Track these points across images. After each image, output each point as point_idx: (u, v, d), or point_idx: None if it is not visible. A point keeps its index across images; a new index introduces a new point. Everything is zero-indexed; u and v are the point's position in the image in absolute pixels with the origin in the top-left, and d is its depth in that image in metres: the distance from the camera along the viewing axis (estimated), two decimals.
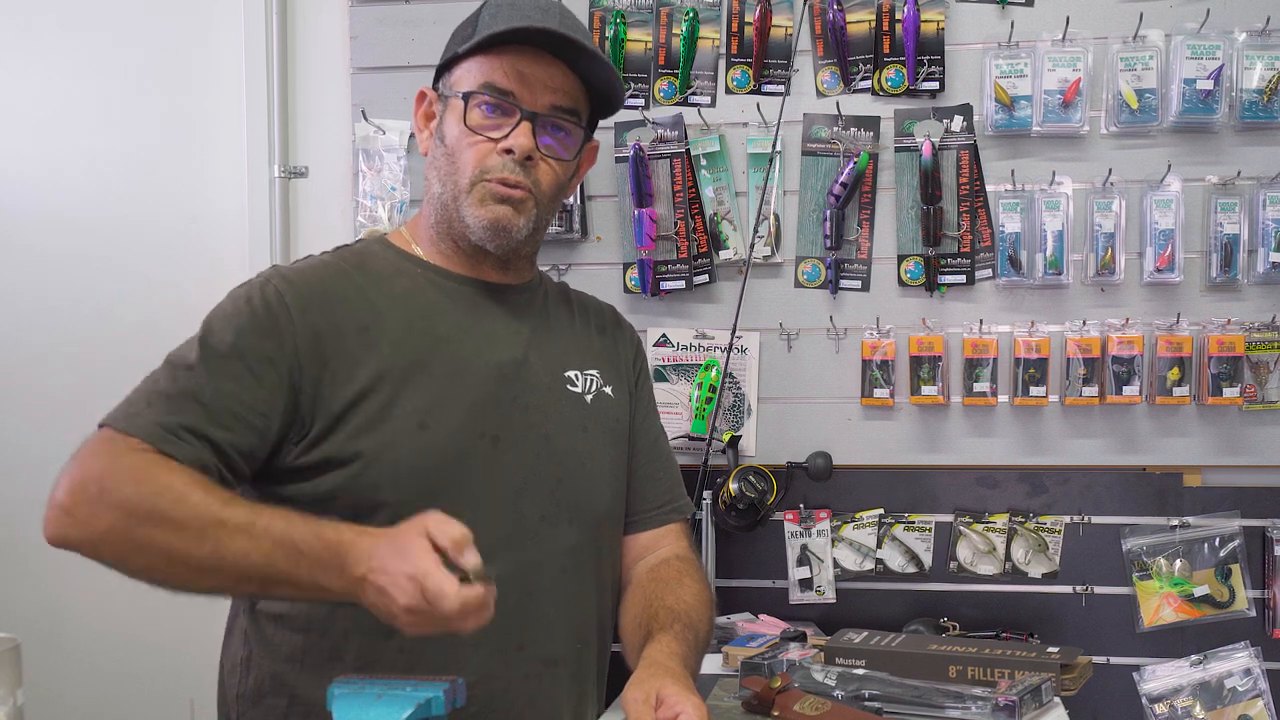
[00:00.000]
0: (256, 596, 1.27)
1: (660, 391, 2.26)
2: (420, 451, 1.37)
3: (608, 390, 1.58)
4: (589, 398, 1.56)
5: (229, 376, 1.32)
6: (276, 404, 1.34)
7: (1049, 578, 2.20)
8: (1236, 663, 2.12)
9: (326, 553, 1.19)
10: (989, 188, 2.20)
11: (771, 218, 2.25)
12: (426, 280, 1.48)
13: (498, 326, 1.49)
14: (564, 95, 1.46)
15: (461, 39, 1.48)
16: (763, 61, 2.24)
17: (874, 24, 2.21)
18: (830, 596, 2.25)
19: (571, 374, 1.55)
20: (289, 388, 1.34)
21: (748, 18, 2.24)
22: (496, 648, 1.40)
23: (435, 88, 1.52)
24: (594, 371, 1.58)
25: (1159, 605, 2.16)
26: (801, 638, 1.88)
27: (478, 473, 1.41)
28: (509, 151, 1.43)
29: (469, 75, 1.45)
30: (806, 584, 2.25)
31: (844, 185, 2.20)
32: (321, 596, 1.23)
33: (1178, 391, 2.14)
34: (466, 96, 1.44)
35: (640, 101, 2.28)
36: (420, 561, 1.14)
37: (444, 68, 1.51)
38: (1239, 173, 2.14)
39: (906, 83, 2.20)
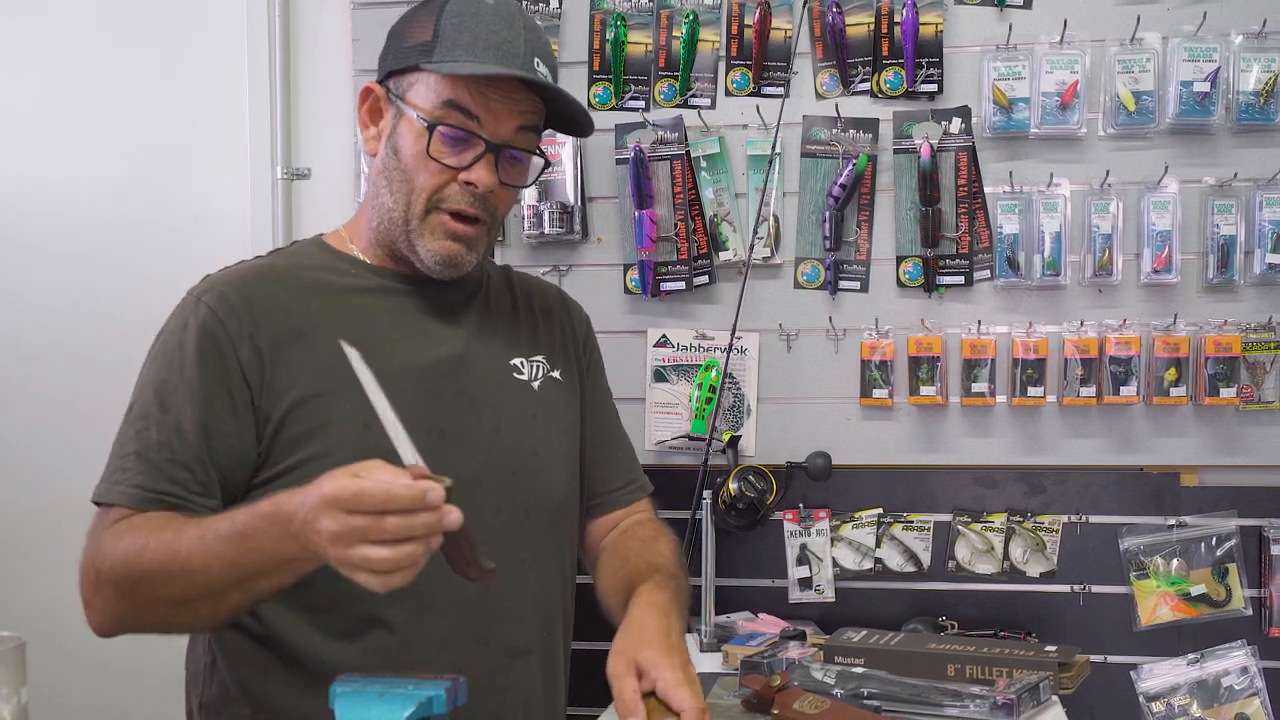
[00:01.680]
0: (259, 601, 1.24)
1: (660, 392, 2.29)
2: (365, 452, 1.31)
3: (555, 374, 1.58)
4: (536, 384, 1.55)
5: (189, 415, 1.31)
6: (244, 427, 1.33)
7: (1047, 577, 2.21)
8: (1233, 661, 2.13)
9: (267, 523, 1.15)
10: (987, 189, 2.21)
11: (771, 219, 2.26)
12: (362, 281, 1.46)
13: (436, 323, 1.47)
14: (527, 115, 1.42)
15: (419, 44, 1.40)
16: (762, 64, 2.25)
17: (873, 26, 2.22)
18: (829, 595, 2.25)
19: (517, 362, 1.54)
20: (246, 404, 1.33)
21: (747, 20, 2.25)
22: (461, 645, 1.40)
23: (384, 84, 1.44)
24: (539, 357, 1.57)
25: (1156, 604, 2.17)
26: (801, 636, 1.89)
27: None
28: (469, 183, 1.39)
29: (430, 90, 1.39)
30: (806, 583, 2.26)
31: (843, 187, 2.20)
32: (298, 569, 1.18)
33: (1175, 392, 2.14)
34: (431, 126, 1.37)
35: (641, 103, 2.29)
36: (347, 479, 1.07)
37: (395, 68, 1.42)
38: (1235, 174, 2.15)
39: (905, 85, 2.21)
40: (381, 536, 1.05)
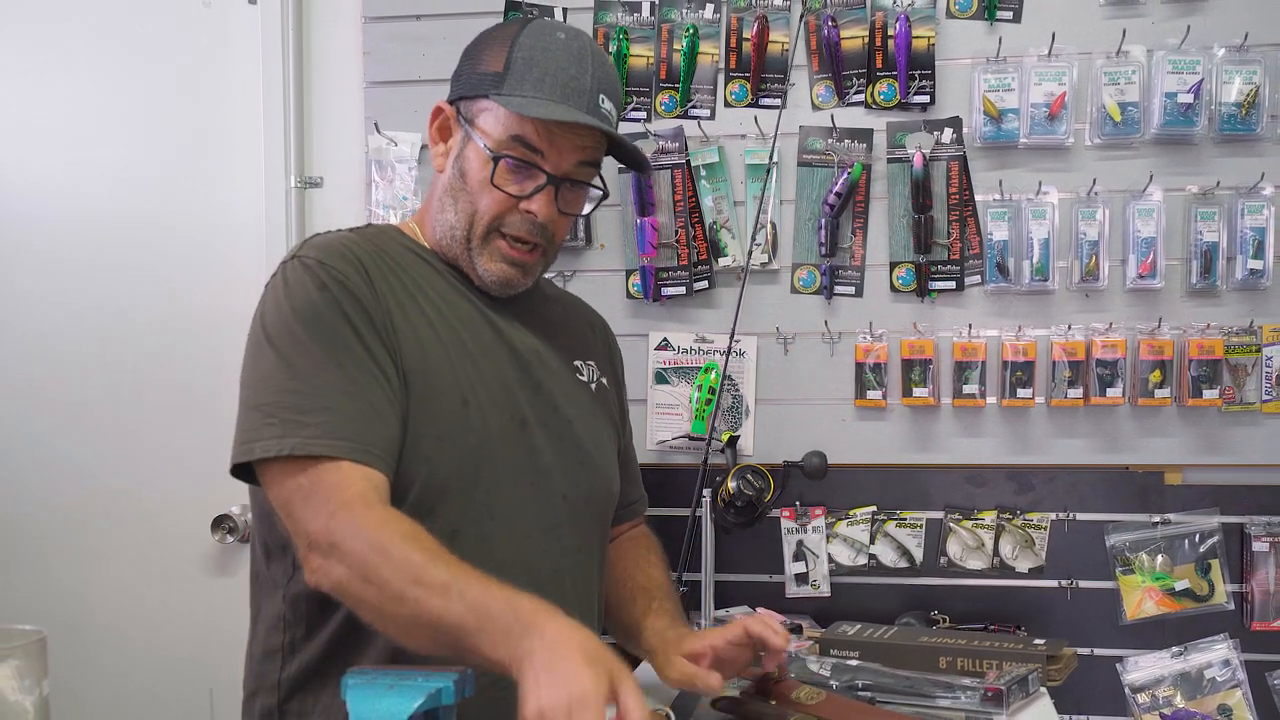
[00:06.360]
0: (447, 656, 1.19)
1: (661, 393, 2.33)
2: (464, 428, 1.38)
3: (604, 381, 1.64)
4: (593, 387, 1.60)
5: (373, 367, 1.32)
6: (399, 373, 1.35)
7: (1035, 572, 2.24)
8: (1216, 654, 2.17)
9: (512, 622, 1.13)
10: (978, 197, 2.25)
11: (769, 226, 2.30)
12: (440, 271, 1.49)
13: (510, 318, 1.51)
14: (588, 151, 1.47)
15: (490, 73, 1.43)
16: (760, 76, 2.29)
17: (867, 40, 2.26)
18: (825, 591, 2.29)
19: (577, 363, 1.59)
20: (394, 352, 1.35)
21: (746, 34, 2.28)
22: None
23: (454, 105, 1.48)
24: (592, 362, 1.63)
25: (1141, 599, 2.21)
26: (797, 630, 1.91)
27: (510, 454, 1.43)
28: (529, 212, 1.44)
29: (498, 121, 1.43)
30: (802, 578, 2.30)
31: (838, 195, 2.24)
32: (486, 667, 1.15)
33: (1159, 393, 2.18)
34: (496, 157, 1.42)
35: (642, 114, 2.33)
36: (584, 685, 1.06)
37: (467, 93, 1.46)
38: (1218, 183, 2.18)
39: (898, 96, 2.25)
40: None
